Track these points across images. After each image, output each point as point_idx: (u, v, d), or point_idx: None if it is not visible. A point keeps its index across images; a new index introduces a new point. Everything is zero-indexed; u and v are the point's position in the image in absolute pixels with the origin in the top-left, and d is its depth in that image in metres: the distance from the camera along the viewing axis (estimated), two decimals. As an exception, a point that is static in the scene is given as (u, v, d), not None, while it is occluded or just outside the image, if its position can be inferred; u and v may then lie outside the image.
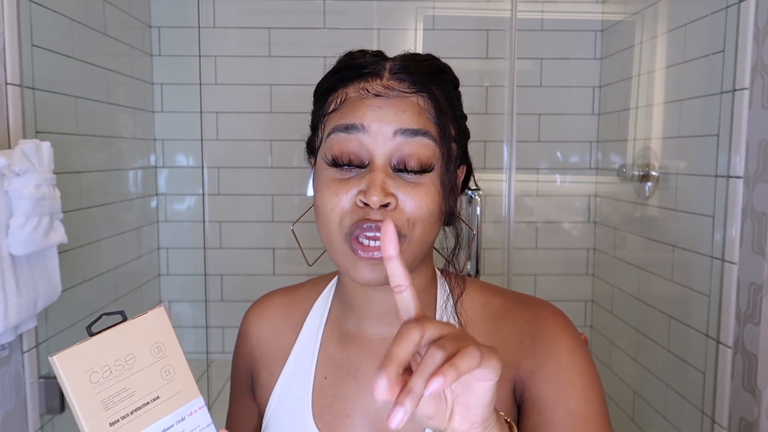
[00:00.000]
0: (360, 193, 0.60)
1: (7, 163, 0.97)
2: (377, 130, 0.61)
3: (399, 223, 0.60)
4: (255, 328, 0.78)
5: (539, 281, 2.14)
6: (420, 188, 0.61)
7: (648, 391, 1.72)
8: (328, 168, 0.63)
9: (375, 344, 0.69)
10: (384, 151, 0.61)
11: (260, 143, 2.08)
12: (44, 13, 1.34)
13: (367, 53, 0.67)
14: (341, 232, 0.61)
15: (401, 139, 0.61)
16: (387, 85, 0.63)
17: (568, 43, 2.09)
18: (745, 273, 1.19)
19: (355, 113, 0.62)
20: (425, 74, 0.65)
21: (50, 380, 1.22)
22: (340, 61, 0.69)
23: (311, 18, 2.03)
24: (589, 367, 0.66)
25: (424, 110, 0.62)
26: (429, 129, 0.62)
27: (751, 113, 1.18)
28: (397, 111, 0.61)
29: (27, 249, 1.01)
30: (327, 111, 0.66)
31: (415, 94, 0.63)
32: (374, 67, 0.64)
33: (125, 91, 1.86)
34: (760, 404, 1.15)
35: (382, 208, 0.59)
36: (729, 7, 1.25)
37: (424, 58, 0.67)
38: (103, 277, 1.69)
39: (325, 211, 0.62)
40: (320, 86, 0.69)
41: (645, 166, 1.75)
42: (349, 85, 0.65)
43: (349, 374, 0.70)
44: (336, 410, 0.69)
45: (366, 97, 0.62)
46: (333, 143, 0.62)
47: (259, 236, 2.11)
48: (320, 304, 0.75)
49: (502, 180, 1.67)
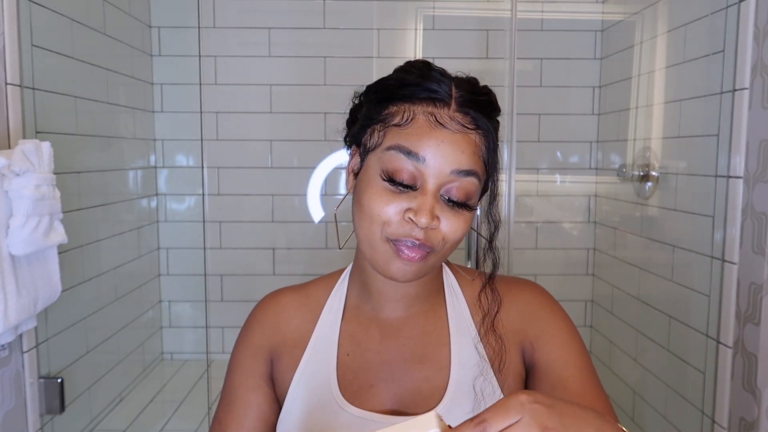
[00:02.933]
0: (409, 210, 0.66)
1: (7, 163, 0.97)
2: (435, 164, 0.66)
3: (435, 241, 0.67)
4: (271, 318, 0.81)
5: (539, 281, 2.12)
6: (459, 216, 0.68)
7: (648, 391, 1.72)
8: (381, 177, 0.68)
9: (392, 323, 0.77)
10: (437, 182, 0.67)
11: (260, 143, 2.08)
12: (44, 13, 1.34)
13: (433, 68, 0.71)
14: (383, 234, 0.68)
15: (454, 176, 0.67)
16: (453, 117, 0.68)
17: (568, 43, 2.09)
18: (745, 273, 1.19)
19: (420, 141, 0.66)
20: (484, 109, 0.70)
21: (50, 380, 1.22)
22: (406, 71, 0.72)
23: (311, 18, 2.03)
24: (576, 330, 0.78)
25: (478, 148, 0.69)
26: (478, 169, 0.68)
27: (751, 113, 1.18)
28: (457, 151, 0.67)
29: (27, 249, 1.01)
30: (391, 122, 0.69)
31: (474, 130, 0.68)
32: (443, 92, 0.68)
33: (125, 91, 1.86)
34: (760, 404, 1.15)
35: (425, 228, 0.66)
36: (729, 7, 1.25)
37: (482, 91, 0.72)
38: (103, 277, 1.69)
39: (372, 213, 0.68)
40: (383, 90, 0.72)
41: (645, 166, 1.75)
42: (417, 104, 0.68)
43: (371, 349, 0.76)
44: (361, 381, 0.74)
45: (432, 126, 0.67)
46: (392, 158, 0.67)
47: (259, 236, 2.11)
48: (336, 293, 0.81)
49: (502, 180, 1.67)
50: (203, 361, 2.12)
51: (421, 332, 0.76)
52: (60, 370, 1.37)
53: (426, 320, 0.77)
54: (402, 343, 0.76)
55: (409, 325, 0.77)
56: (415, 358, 0.75)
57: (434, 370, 0.74)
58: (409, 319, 0.77)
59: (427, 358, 0.75)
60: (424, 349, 0.75)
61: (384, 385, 0.74)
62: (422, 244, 0.66)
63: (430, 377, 0.73)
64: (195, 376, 2.10)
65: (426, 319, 0.77)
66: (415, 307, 0.77)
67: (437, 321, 0.77)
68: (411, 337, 0.76)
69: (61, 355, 1.39)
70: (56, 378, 1.23)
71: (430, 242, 0.67)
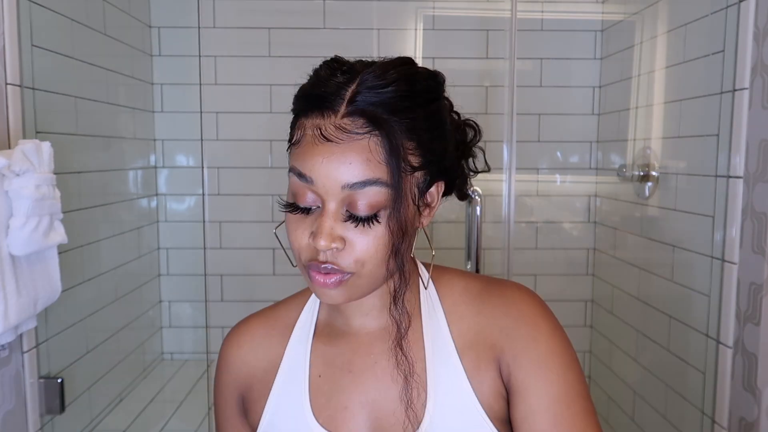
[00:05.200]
0: (311, 234, 0.62)
1: (7, 163, 0.97)
2: (324, 183, 0.61)
3: (345, 263, 0.62)
4: (237, 352, 0.78)
5: (539, 281, 2.14)
6: (369, 231, 0.62)
7: (648, 391, 1.72)
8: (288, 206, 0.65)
9: (363, 338, 0.73)
10: (334, 200, 0.61)
11: (260, 143, 2.08)
12: (44, 13, 1.34)
13: (337, 72, 0.64)
14: (302, 263, 0.65)
15: (349, 191, 0.61)
16: (339, 126, 0.61)
17: (568, 43, 2.09)
18: (745, 273, 1.19)
19: (305, 162, 0.62)
20: (386, 105, 0.62)
21: (50, 380, 1.22)
22: (310, 77, 0.68)
23: (311, 18, 2.03)
24: (567, 348, 0.69)
25: (375, 153, 0.61)
26: (379, 175, 0.61)
27: (751, 113, 1.18)
28: (343, 163, 0.60)
29: (27, 249, 1.01)
30: (292, 141, 0.66)
31: (368, 134, 0.61)
32: (334, 99, 0.62)
33: (125, 91, 1.86)
34: (760, 404, 1.15)
35: (333, 251, 0.62)
36: (729, 7, 1.25)
37: (391, 80, 0.62)
38: (103, 277, 1.69)
39: (290, 242, 0.65)
40: (294, 101, 0.68)
41: (645, 166, 1.75)
42: (308, 116, 0.64)
43: (343, 368, 0.72)
44: (334, 404, 0.71)
45: (315, 142, 0.62)
46: (292, 182, 0.65)
47: (259, 236, 2.11)
48: (308, 310, 0.77)
49: (502, 180, 1.67)
50: (203, 361, 2.12)
51: (394, 346, 0.71)
52: (60, 370, 1.37)
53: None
54: (374, 361, 0.71)
55: (381, 340, 0.72)
56: (388, 376, 0.70)
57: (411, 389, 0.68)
58: (381, 332, 0.72)
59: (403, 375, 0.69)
60: (398, 366, 0.70)
61: (359, 407, 0.70)
62: (333, 267, 0.62)
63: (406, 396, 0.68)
64: (195, 376, 2.10)
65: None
66: (385, 319, 0.71)
67: (412, 333, 0.71)
68: (382, 352, 0.71)
69: (61, 355, 1.39)
70: (56, 378, 1.23)
71: (337, 265, 0.62)
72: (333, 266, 0.62)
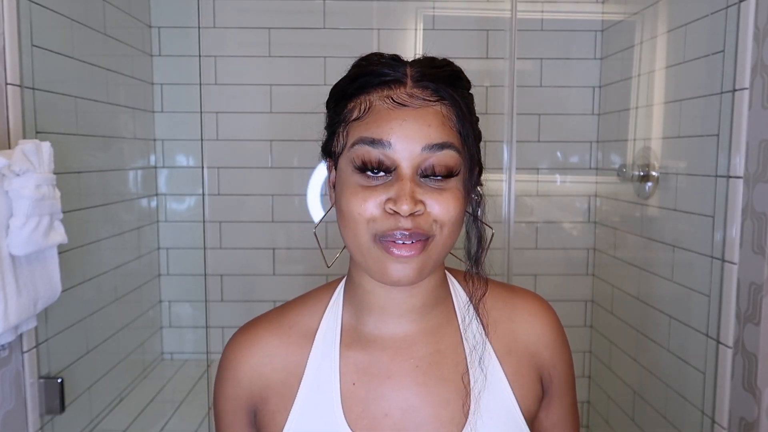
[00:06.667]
0: (389, 201, 0.61)
1: (7, 163, 0.97)
2: (404, 146, 0.61)
3: (426, 225, 0.62)
4: (248, 362, 0.72)
5: (539, 281, 2.14)
6: (446, 193, 0.62)
7: (648, 391, 1.72)
8: (354, 174, 0.63)
9: (399, 342, 0.70)
10: (411, 164, 0.62)
11: (260, 143, 2.08)
12: (44, 13, 1.34)
13: (383, 56, 0.67)
14: (370, 234, 0.62)
15: (428, 153, 0.62)
16: (411, 93, 0.63)
17: (568, 43, 2.08)
18: (745, 273, 1.19)
19: (381, 127, 0.62)
20: (445, 80, 0.65)
21: (50, 380, 1.22)
22: (357, 65, 0.69)
23: (311, 18, 2.03)
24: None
25: (447, 119, 0.63)
26: (453, 140, 0.63)
27: (751, 113, 1.18)
28: (422, 125, 0.62)
29: (27, 249, 1.01)
30: (350, 118, 0.65)
31: (438, 102, 0.64)
32: (396, 74, 0.65)
33: (125, 91, 1.86)
34: (760, 404, 1.15)
35: (411, 215, 0.61)
36: (729, 7, 1.25)
37: (441, 64, 0.68)
38: (103, 277, 1.69)
39: (353, 215, 0.62)
40: (338, 91, 0.69)
41: (645, 166, 1.75)
42: (371, 92, 0.65)
43: (380, 375, 0.69)
44: (373, 412, 0.68)
45: (391, 107, 0.63)
46: (360, 153, 0.63)
47: (259, 236, 2.11)
48: (330, 317, 0.73)
49: (502, 180, 1.67)
50: (203, 361, 2.12)
51: (434, 350, 0.70)
52: (60, 370, 1.37)
53: (437, 336, 0.71)
54: (415, 365, 0.69)
55: (420, 343, 0.70)
56: (431, 381, 0.68)
57: (453, 393, 0.68)
58: (419, 335, 0.70)
59: (444, 379, 0.68)
60: (439, 371, 0.69)
61: (400, 414, 0.67)
62: (413, 233, 0.61)
63: (450, 401, 0.68)
64: (195, 376, 2.10)
65: (437, 335, 0.71)
66: (424, 322, 0.70)
67: (450, 337, 0.70)
68: (423, 356, 0.69)
69: (61, 355, 1.39)
70: (56, 378, 1.23)
71: (421, 229, 0.61)
72: (417, 232, 0.61)
